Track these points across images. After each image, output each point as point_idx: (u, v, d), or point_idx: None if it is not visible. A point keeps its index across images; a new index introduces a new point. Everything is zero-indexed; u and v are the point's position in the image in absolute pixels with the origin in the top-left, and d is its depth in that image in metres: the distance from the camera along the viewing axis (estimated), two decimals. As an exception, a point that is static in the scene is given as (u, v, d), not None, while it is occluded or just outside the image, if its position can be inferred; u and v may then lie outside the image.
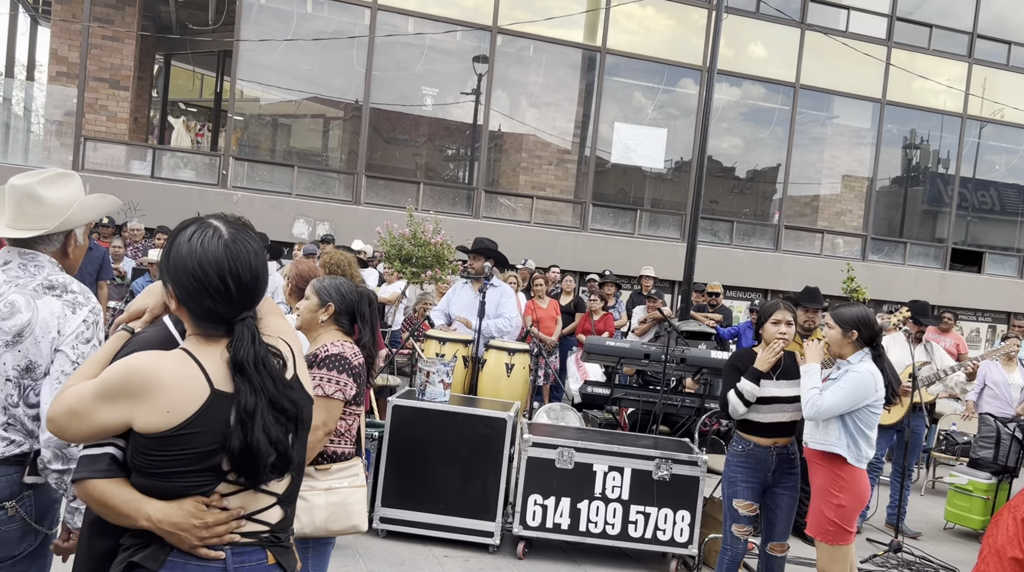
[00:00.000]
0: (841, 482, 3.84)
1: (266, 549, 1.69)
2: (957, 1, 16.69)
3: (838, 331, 3.92)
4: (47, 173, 2.35)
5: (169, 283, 1.66)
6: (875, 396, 3.84)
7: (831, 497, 3.85)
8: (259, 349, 1.64)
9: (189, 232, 1.67)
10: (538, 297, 9.11)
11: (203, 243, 1.64)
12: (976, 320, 16.56)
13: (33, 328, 2.20)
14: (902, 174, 17.40)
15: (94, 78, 12.41)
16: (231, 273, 1.63)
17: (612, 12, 14.22)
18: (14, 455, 2.22)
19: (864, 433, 3.85)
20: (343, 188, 13.36)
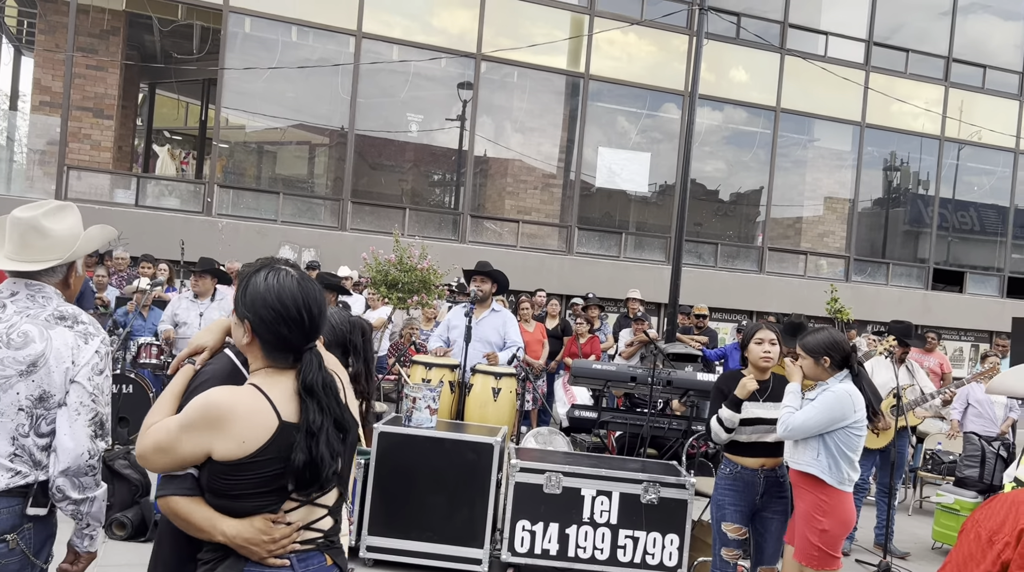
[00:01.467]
0: (824, 506, 3.79)
1: (323, 552, 1.91)
2: (933, 26, 17.02)
3: (810, 361, 3.91)
4: (48, 205, 2.39)
5: (247, 317, 1.87)
6: (853, 416, 3.78)
7: (814, 522, 3.80)
8: (326, 374, 1.88)
9: (264, 273, 1.92)
10: (524, 321, 9.11)
11: (279, 280, 1.89)
12: (959, 339, 16.71)
13: (47, 358, 2.25)
14: (883, 195, 17.62)
15: (78, 107, 12.41)
16: (304, 305, 1.87)
17: (595, 39, 14.40)
18: (18, 486, 2.24)
19: (846, 455, 3.79)
20: (329, 214, 13.36)
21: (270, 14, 12.80)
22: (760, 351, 4.07)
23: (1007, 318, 9.90)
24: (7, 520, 2.23)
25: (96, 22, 12.63)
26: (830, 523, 3.78)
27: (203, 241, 11.42)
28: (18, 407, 2.23)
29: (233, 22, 12.64)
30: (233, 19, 12.62)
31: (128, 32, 13.31)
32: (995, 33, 17.95)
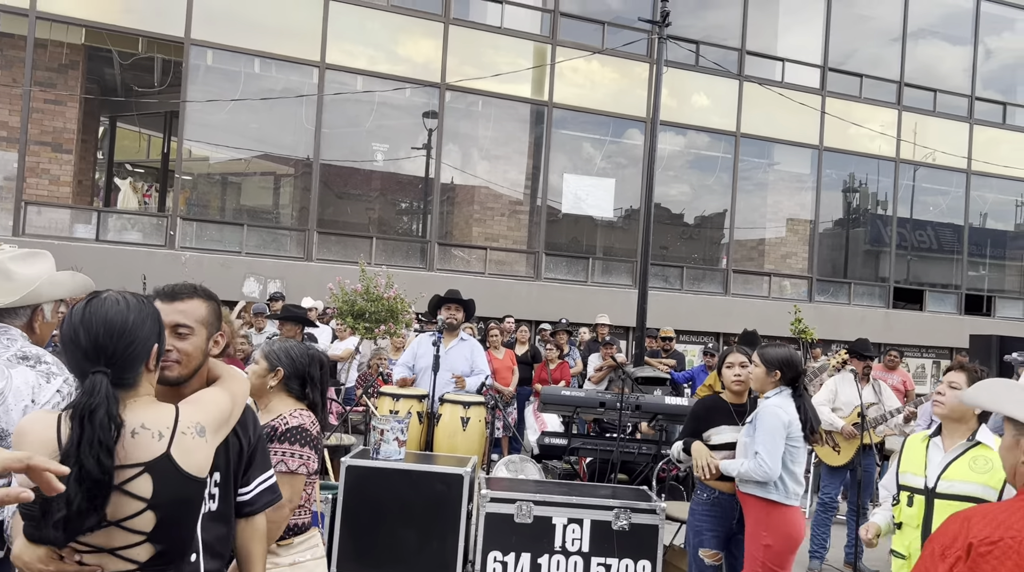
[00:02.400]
0: (768, 520, 3.79)
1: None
2: (885, 51, 17.52)
3: (763, 369, 3.96)
4: (21, 251, 2.46)
5: None
6: (789, 428, 3.83)
7: (759, 537, 3.80)
8: (94, 402, 1.70)
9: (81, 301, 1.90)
10: (493, 348, 9.09)
11: (73, 308, 1.88)
12: (921, 356, 17.02)
13: (6, 396, 2.24)
14: (843, 216, 17.98)
15: (36, 142, 12.24)
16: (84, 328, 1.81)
17: (558, 67, 14.58)
18: None
19: (788, 469, 3.82)
20: (294, 245, 13.28)
21: (232, 46, 12.78)
22: (731, 375, 4.17)
23: (966, 335, 10.13)
24: None
25: (54, 56, 12.51)
26: (774, 538, 3.78)
27: (166, 275, 11.22)
28: None
29: (195, 54, 12.59)
30: (195, 51, 12.57)
31: (88, 66, 13.19)
32: (945, 58, 18.53)
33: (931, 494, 3.16)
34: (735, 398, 4.22)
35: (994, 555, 1.73)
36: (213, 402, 1.95)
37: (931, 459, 3.26)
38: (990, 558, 1.73)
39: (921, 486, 3.22)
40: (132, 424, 1.77)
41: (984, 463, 3.09)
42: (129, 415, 1.77)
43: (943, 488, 3.13)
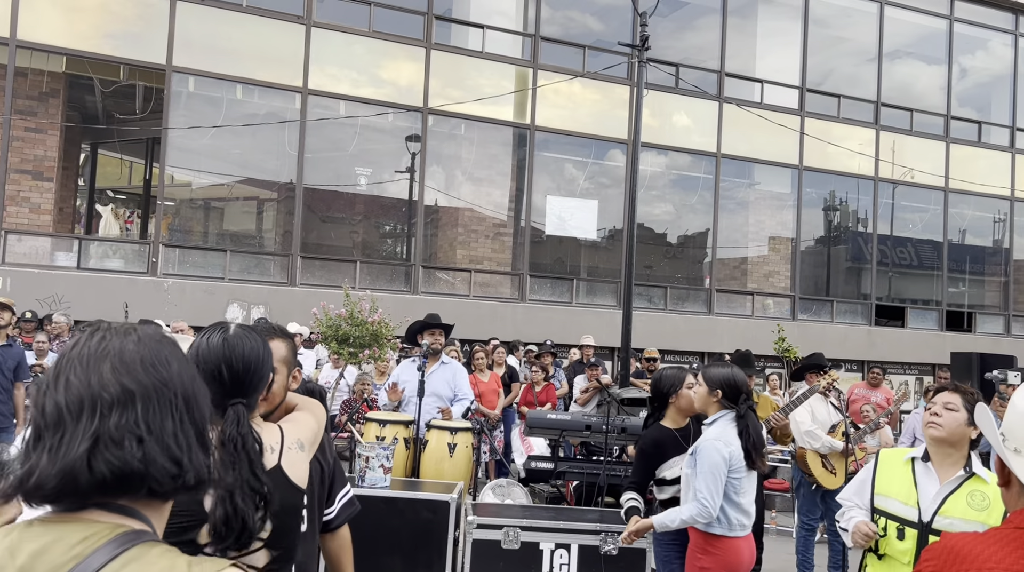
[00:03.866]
0: (706, 546, 3.72)
1: None
2: (862, 71, 17.80)
3: (705, 389, 3.85)
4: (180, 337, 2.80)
5: None
6: (730, 461, 3.68)
7: (694, 559, 3.74)
8: (243, 432, 1.85)
9: (203, 334, 2.03)
10: (479, 370, 9.08)
11: (207, 339, 1.99)
12: (904, 373, 17.13)
13: None
14: (824, 234, 18.15)
15: (16, 170, 12.17)
16: (225, 362, 1.94)
17: (540, 90, 14.70)
18: None
19: (733, 501, 3.69)
20: (278, 270, 13.23)
21: (214, 73, 12.80)
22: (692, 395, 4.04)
23: (947, 351, 10.22)
24: None
25: (35, 84, 12.48)
26: (712, 564, 3.69)
27: (148, 302, 11.20)
28: None
29: (176, 81, 12.60)
30: (176, 78, 12.58)
31: (68, 94, 13.16)
32: (920, 77, 18.85)
33: (926, 529, 2.91)
34: (677, 422, 4.14)
35: None
36: (304, 423, 2.20)
37: (922, 488, 3.00)
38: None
39: (914, 519, 2.97)
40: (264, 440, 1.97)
41: (981, 499, 2.88)
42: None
43: (942, 525, 2.87)
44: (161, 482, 1.08)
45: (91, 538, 1.04)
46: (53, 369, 1.11)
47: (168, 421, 1.11)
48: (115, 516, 1.08)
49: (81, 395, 1.07)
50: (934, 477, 2.99)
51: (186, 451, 1.11)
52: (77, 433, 1.05)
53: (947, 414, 2.98)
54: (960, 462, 2.96)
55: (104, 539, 1.04)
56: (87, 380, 1.08)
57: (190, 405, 1.15)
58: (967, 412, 2.94)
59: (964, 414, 2.95)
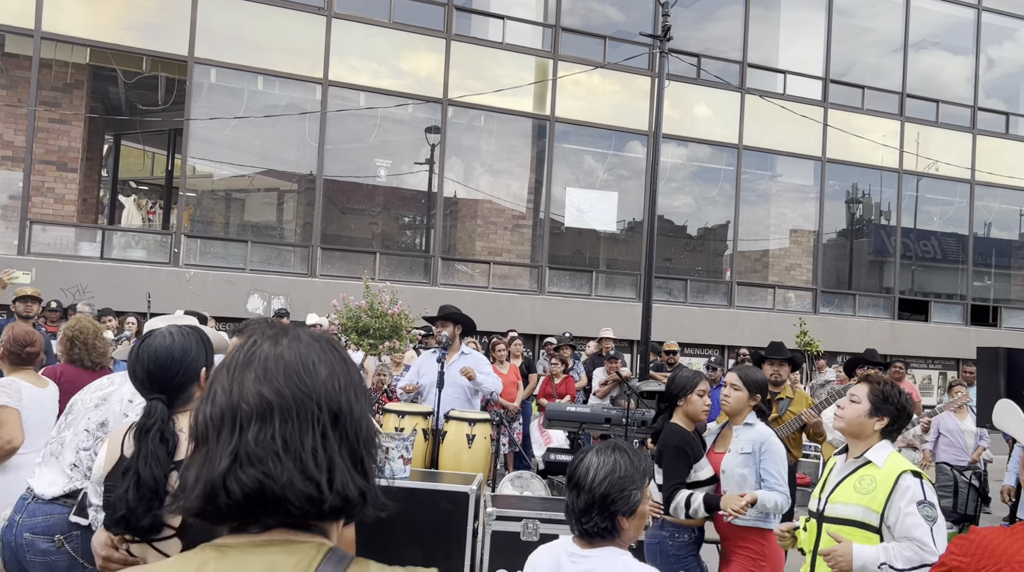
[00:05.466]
0: (763, 551, 3.79)
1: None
2: (886, 62, 17.55)
3: (745, 393, 3.91)
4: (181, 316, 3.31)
5: None
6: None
7: (759, 568, 3.78)
8: (149, 423, 2.07)
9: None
10: (498, 362, 9.08)
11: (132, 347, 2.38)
12: (927, 367, 16.93)
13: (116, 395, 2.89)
14: (847, 227, 17.95)
15: (41, 161, 12.30)
16: (139, 360, 2.21)
17: (560, 81, 14.64)
18: (71, 491, 2.86)
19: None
20: (298, 261, 13.30)
21: (236, 64, 12.85)
22: (703, 404, 3.99)
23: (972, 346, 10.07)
24: (57, 524, 2.83)
25: (59, 76, 12.59)
26: (769, 552, 3.81)
27: (170, 292, 11.29)
28: (85, 428, 2.87)
29: (199, 73, 12.67)
30: (198, 70, 12.64)
31: (92, 85, 13.27)
32: (946, 67, 18.55)
33: (820, 518, 2.96)
34: (687, 425, 4.04)
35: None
36: None
37: (830, 479, 3.05)
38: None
39: (815, 508, 3.02)
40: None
41: (868, 483, 2.84)
42: (184, 424, 2.13)
43: (829, 511, 2.92)
44: (298, 506, 0.98)
45: (304, 561, 0.98)
46: (210, 379, 1.05)
47: (308, 436, 1.00)
48: (307, 535, 1.01)
49: (223, 407, 1.00)
50: (840, 468, 3.04)
51: (325, 470, 1.00)
52: (219, 449, 0.98)
53: (850, 406, 3.00)
54: (866, 449, 2.96)
55: (318, 560, 0.98)
56: (230, 390, 1.01)
57: (338, 418, 1.03)
58: (870, 403, 2.95)
59: (866, 405, 2.96)
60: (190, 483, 0.99)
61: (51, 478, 2.94)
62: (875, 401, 2.95)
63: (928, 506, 2.73)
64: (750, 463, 3.80)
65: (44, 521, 2.87)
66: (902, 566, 2.64)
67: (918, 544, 2.67)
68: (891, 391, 2.97)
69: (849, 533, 2.78)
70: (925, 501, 2.73)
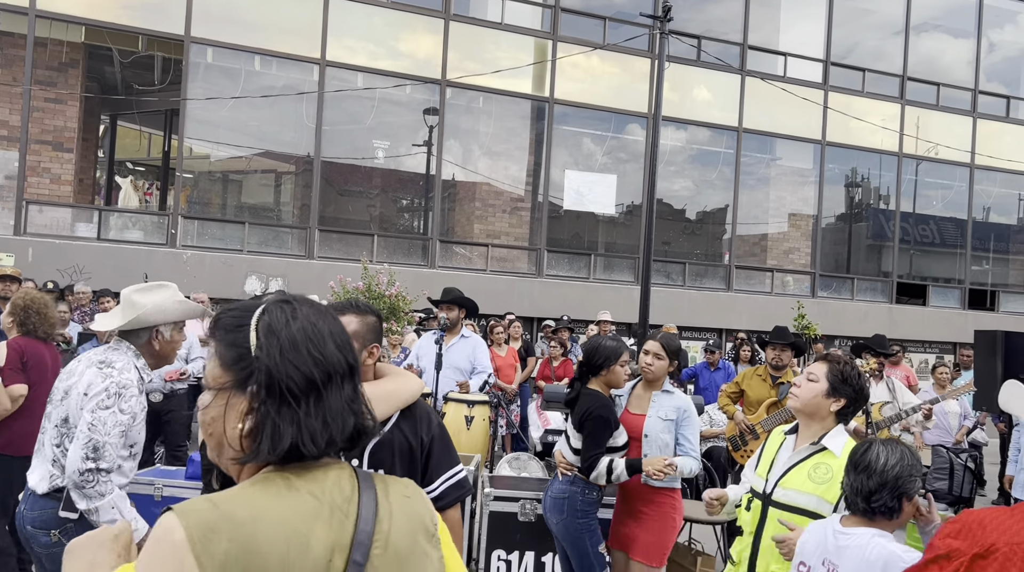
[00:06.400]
0: (675, 502, 4.07)
1: None
2: (887, 44, 17.45)
3: (666, 361, 4.09)
4: (148, 284, 3.07)
5: None
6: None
7: (670, 521, 4.06)
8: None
9: None
10: (496, 345, 9.08)
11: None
12: (924, 351, 16.97)
13: (74, 388, 2.86)
14: (845, 211, 17.93)
15: (36, 141, 12.22)
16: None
17: (558, 63, 14.54)
18: (54, 489, 2.86)
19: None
20: (296, 243, 13.26)
21: (232, 44, 12.75)
22: (624, 373, 4.09)
23: (969, 330, 10.09)
24: (50, 519, 2.83)
25: (54, 55, 12.48)
26: (679, 518, 4.11)
27: (168, 273, 11.25)
28: (55, 424, 2.90)
29: (195, 52, 12.57)
30: (195, 49, 12.55)
31: (88, 64, 13.16)
32: (947, 50, 18.46)
33: (767, 501, 2.87)
34: (604, 392, 4.09)
35: (997, 560, 1.70)
36: None
37: (778, 459, 2.95)
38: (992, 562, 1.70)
39: (761, 489, 2.93)
40: None
41: (824, 472, 2.76)
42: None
43: (779, 496, 2.83)
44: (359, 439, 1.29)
45: (347, 473, 1.25)
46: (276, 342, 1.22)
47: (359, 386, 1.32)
48: (334, 459, 1.27)
49: (327, 369, 1.23)
50: (791, 450, 2.93)
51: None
52: (332, 401, 1.23)
53: (806, 385, 2.91)
54: (820, 434, 2.86)
55: (351, 471, 1.26)
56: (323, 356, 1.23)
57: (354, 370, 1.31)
58: (828, 383, 2.86)
59: (824, 385, 2.87)
60: (318, 428, 1.20)
61: (40, 472, 2.95)
62: (833, 381, 2.85)
63: None
64: (672, 429, 4.01)
65: (40, 516, 2.89)
66: None
67: None
68: (850, 372, 2.87)
69: (799, 522, 2.72)
70: None
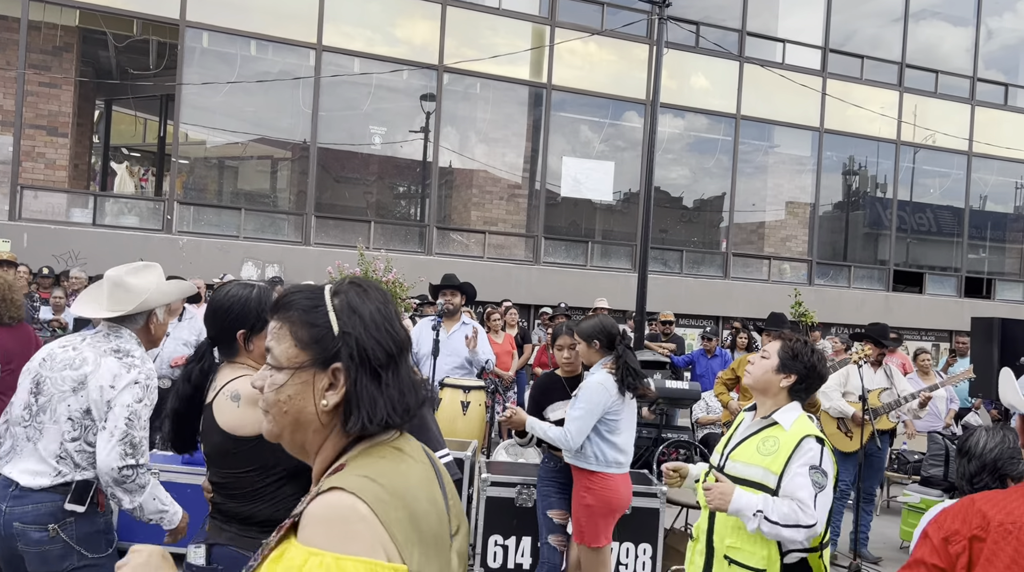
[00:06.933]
0: (588, 484, 4.12)
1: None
2: (886, 32, 17.39)
3: (584, 345, 4.23)
4: (135, 264, 2.96)
5: None
6: (610, 401, 4.07)
7: (580, 498, 4.15)
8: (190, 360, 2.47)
9: None
10: (493, 332, 9.08)
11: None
12: (920, 339, 17.01)
13: (93, 379, 2.76)
14: (843, 199, 17.91)
15: (31, 125, 12.13)
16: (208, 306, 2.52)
17: (556, 49, 14.46)
18: (60, 484, 2.74)
19: (607, 439, 4.10)
20: (292, 229, 13.22)
21: (228, 28, 12.65)
22: (561, 357, 4.49)
23: (966, 317, 10.11)
24: (50, 512, 2.71)
25: (48, 38, 12.37)
26: (594, 500, 4.11)
27: (164, 259, 11.15)
28: (68, 416, 2.76)
29: (190, 37, 12.47)
30: (190, 34, 12.45)
31: (82, 48, 13.06)
32: (946, 38, 18.40)
33: (721, 474, 2.93)
34: (568, 373, 4.54)
35: (992, 539, 1.72)
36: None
37: (735, 435, 3.03)
38: (988, 542, 1.73)
39: (716, 463, 3.01)
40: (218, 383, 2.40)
41: (772, 445, 2.81)
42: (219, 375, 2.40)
43: (729, 468, 2.90)
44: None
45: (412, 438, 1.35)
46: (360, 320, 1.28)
47: None
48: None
49: (401, 344, 1.31)
50: (747, 425, 3.01)
51: None
52: (404, 374, 1.30)
53: (759, 362, 2.97)
54: (772, 409, 2.92)
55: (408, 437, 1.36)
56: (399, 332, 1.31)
57: None
58: (779, 359, 2.91)
59: (774, 361, 2.93)
60: (399, 398, 1.28)
61: (33, 468, 2.76)
62: (784, 358, 2.90)
63: (820, 473, 2.71)
64: (573, 405, 4.17)
65: (35, 510, 2.72)
66: (776, 519, 2.63)
67: (799, 503, 2.65)
68: (802, 349, 2.92)
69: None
70: (819, 468, 2.71)
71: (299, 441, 1.29)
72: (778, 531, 2.64)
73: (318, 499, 1.15)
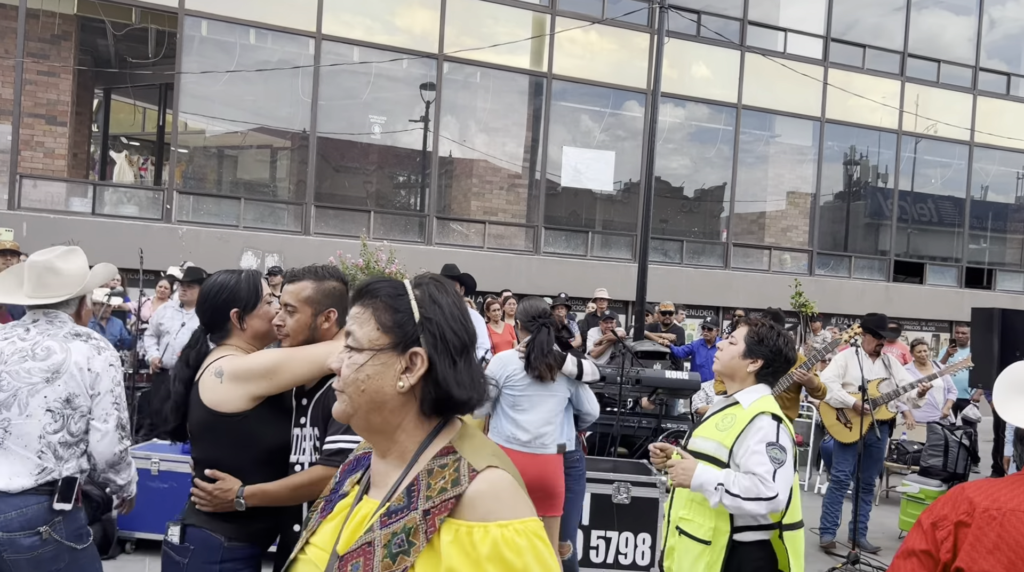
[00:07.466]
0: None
1: None
2: (888, 21, 17.31)
3: (519, 325, 4.37)
4: (59, 250, 2.92)
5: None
6: (504, 374, 4.15)
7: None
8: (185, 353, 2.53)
9: None
10: (493, 322, 9.06)
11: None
12: (920, 329, 17.01)
13: (68, 365, 2.72)
14: (844, 189, 17.87)
15: (29, 114, 12.09)
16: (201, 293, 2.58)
17: (557, 38, 14.40)
18: (45, 483, 2.66)
19: (507, 414, 4.13)
20: (292, 219, 13.19)
21: (227, 16, 12.59)
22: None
23: (966, 308, 10.10)
24: (38, 515, 2.62)
25: (47, 27, 12.31)
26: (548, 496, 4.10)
27: (163, 249, 11.21)
28: (46, 408, 2.68)
29: (189, 25, 12.41)
30: (189, 22, 12.39)
31: (80, 37, 13.00)
32: (948, 27, 18.31)
33: (684, 451, 3.03)
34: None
35: (976, 524, 1.77)
36: (253, 357, 2.44)
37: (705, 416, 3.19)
38: (973, 527, 1.77)
39: (684, 444, 3.13)
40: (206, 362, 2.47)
41: (729, 421, 2.90)
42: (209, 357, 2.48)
43: (691, 445, 3.01)
44: None
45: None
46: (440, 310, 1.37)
47: None
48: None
49: (473, 335, 1.39)
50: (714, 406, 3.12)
51: None
52: (473, 363, 1.38)
53: (727, 348, 3.04)
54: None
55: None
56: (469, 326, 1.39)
57: None
58: (745, 345, 2.97)
59: (741, 346, 2.99)
60: (472, 385, 1.36)
61: (8, 469, 2.61)
62: (750, 343, 2.96)
63: (778, 449, 2.75)
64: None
65: (21, 515, 2.59)
66: (737, 492, 2.68)
67: (759, 478, 2.69)
68: (767, 334, 2.96)
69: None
70: (776, 444, 2.75)
71: (375, 421, 1.35)
72: (739, 504, 2.69)
73: (479, 480, 1.25)
